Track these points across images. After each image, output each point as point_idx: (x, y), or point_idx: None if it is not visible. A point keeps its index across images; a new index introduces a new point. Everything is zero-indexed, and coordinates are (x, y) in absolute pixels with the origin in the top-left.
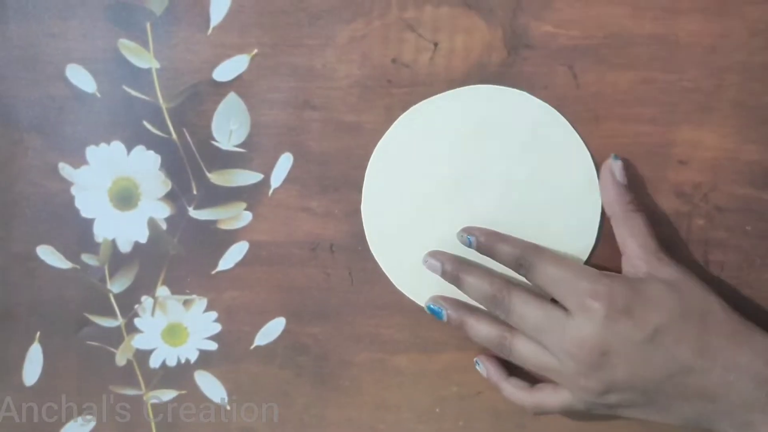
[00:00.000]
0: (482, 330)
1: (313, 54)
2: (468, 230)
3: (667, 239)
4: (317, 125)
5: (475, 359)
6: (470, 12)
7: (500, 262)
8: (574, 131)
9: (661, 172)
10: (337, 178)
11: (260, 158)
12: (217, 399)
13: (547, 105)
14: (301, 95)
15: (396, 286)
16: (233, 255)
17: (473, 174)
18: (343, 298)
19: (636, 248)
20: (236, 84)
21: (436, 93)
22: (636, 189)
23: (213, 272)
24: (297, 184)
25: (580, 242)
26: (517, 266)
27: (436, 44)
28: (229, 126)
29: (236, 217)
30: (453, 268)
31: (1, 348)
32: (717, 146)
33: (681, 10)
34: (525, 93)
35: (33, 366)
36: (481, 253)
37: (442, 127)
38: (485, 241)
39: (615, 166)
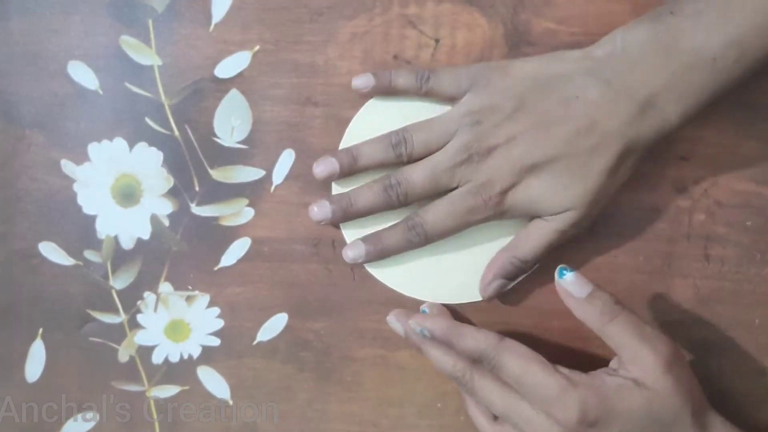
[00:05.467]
0: (447, 366)
1: (315, 50)
2: (422, 323)
3: (668, 235)
4: (319, 122)
5: None
6: (471, 8)
7: (463, 354)
8: None
9: (662, 168)
10: None
11: (262, 154)
12: (219, 395)
13: None
14: (303, 92)
15: (389, 285)
16: (235, 251)
17: None
18: (345, 293)
19: (626, 360)
20: (238, 80)
21: None
22: (637, 185)
23: (215, 268)
24: (299, 180)
25: None
26: (481, 360)
27: (437, 41)
28: (231, 122)
29: (238, 213)
30: (416, 340)
31: (4, 344)
32: (717, 142)
33: None
34: None
35: (35, 362)
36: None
37: (417, 109)
38: (442, 336)
39: (566, 285)
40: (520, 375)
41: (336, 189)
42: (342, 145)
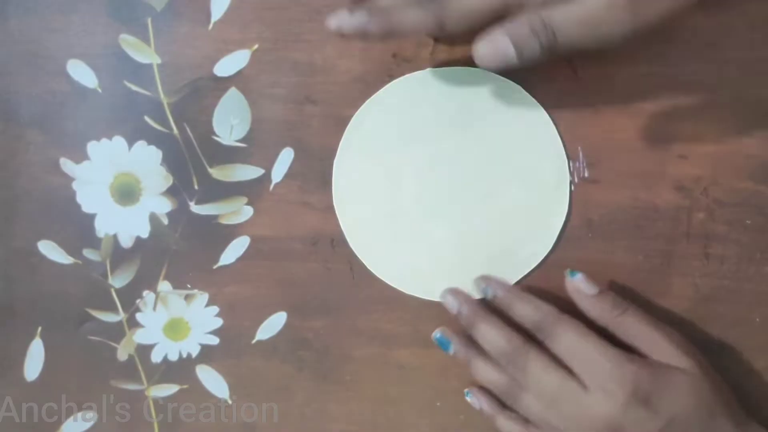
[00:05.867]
0: (490, 375)
1: (314, 49)
2: (486, 280)
3: (668, 234)
4: (318, 120)
5: (465, 390)
6: None
7: (518, 322)
8: (551, 123)
9: (661, 166)
10: None
11: (261, 153)
12: (218, 393)
13: (529, 96)
14: (302, 90)
15: (386, 281)
16: (234, 250)
17: (446, 159)
18: (344, 292)
19: (645, 349)
20: (237, 79)
21: None
22: (636, 183)
23: (214, 267)
24: (298, 178)
25: (540, 242)
26: (536, 330)
27: (436, 39)
28: (230, 121)
29: (237, 211)
30: (470, 313)
31: (3, 343)
32: (717, 140)
33: None
34: (514, 84)
35: (34, 361)
36: (496, 306)
37: (419, 106)
38: (503, 297)
39: (577, 283)
40: (577, 347)
41: (338, 185)
42: (343, 145)
